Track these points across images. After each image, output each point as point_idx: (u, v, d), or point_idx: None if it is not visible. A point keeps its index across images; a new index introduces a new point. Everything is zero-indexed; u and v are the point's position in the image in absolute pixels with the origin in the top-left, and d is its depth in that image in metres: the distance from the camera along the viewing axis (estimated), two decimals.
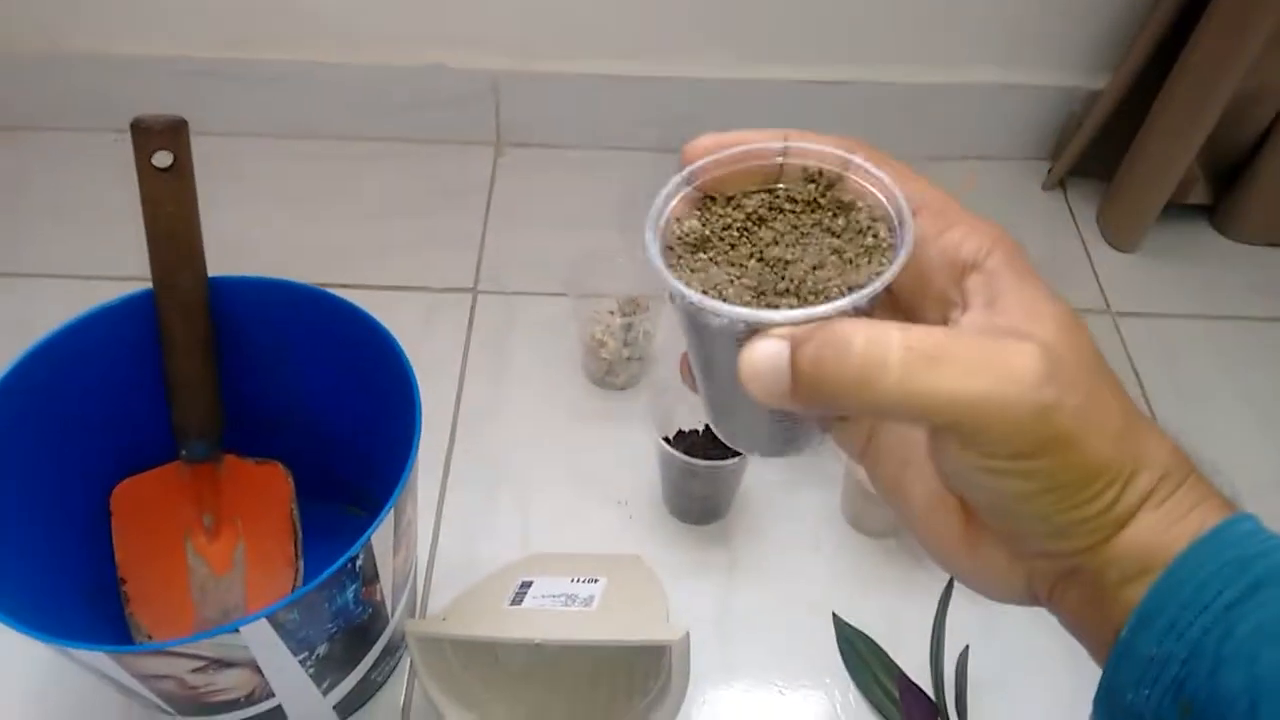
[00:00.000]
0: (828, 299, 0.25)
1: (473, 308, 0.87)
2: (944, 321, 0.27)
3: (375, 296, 0.59)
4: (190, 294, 0.57)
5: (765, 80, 0.97)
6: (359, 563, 0.49)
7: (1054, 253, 0.95)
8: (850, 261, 0.27)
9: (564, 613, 0.58)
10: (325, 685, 0.56)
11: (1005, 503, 0.25)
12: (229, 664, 0.48)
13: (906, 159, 0.29)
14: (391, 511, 0.49)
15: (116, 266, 0.84)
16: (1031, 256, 0.27)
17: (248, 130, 1.00)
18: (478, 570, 0.66)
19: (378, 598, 0.54)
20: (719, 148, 0.30)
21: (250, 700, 0.52)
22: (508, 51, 0.95)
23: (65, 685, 0.63)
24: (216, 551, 0.62)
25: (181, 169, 0.55)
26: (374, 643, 0.57)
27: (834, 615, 0.66)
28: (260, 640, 0.47)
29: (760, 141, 0.29)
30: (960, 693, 0.59)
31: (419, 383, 0.54)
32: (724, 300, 0.26)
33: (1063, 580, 0.27)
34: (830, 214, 0.28)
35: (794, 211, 0.28)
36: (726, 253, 0.28)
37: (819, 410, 0.25)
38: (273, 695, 0.53)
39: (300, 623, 0.48)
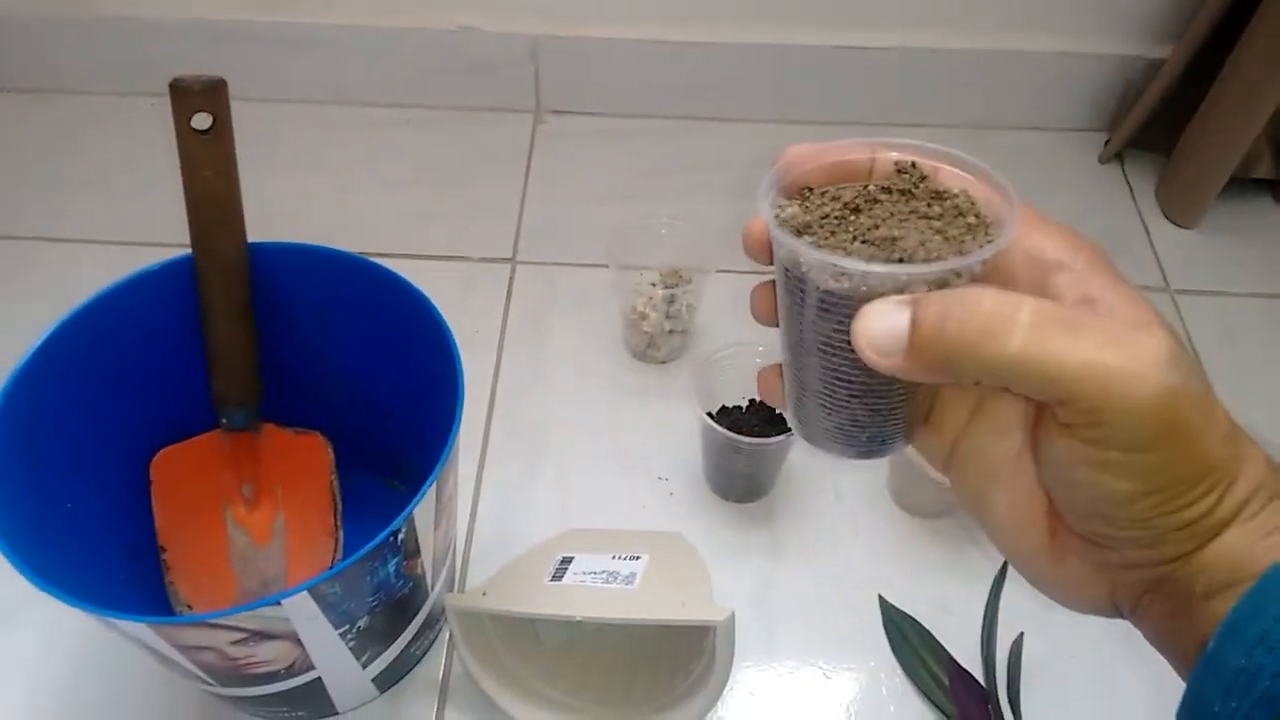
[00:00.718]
0: (928, 262, 0.25)
1: (511, 278, 0.85)
2: None
3: (411, 265, 0.58)
4: (230, 259, 0.56)
5: (812, 46, 0.94)
6: (401, 536, 0.48)
7: (1110, 228, 0.92)
8: (954, 239, 0.27)
9: (605, 590, 0.57)
10: (365, 658, 0.55)
11: (1105, 506, 0.25)
12: (270, 636, 0.47)
13: (957, 127, 0.28)
14: (434, 485, 0.48)
15: (154, 232, 0.83)
16: (1086, 231, 0.27)
17: (280, 96, 0.98)
18: (516, 545, 0.65)
19: (418, 571, 0.53)
20: (813, 154, 0.30)
21: (290, 672, 0.52)
22: (546, 15, 0.93)
23: (106, 653, 0.63)
24: (256, 521, 0.62)
25: (221, 131, 0.54)
26: (414, 616, 0.57)
27: (880, 598, 0.65)
28: (302, 613, 0.46)
29: (852, 149, 0.30)
30: (1013, 680, 0.57)
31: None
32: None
33: (1148, 592, 0.27)
34: (925, 202, 0.28)
35: (890, 200, 0.29)
36: (828, 237, 0.28)
37: (930, 374, 0.25)
38: (313, 668, 0.52)
39: (342, 596, 0.47)
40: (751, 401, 0.70)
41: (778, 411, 0.68)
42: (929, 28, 0.94)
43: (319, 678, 0.54)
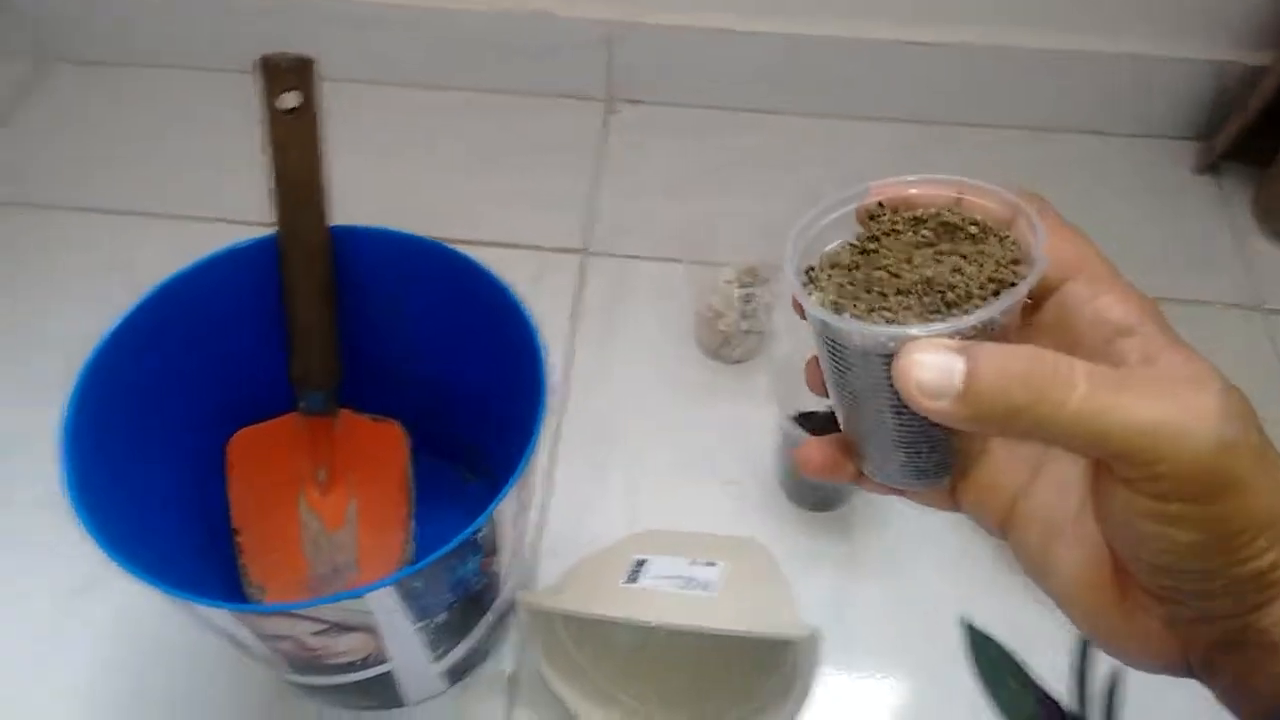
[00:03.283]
0: (968, 312, 0.26)
1: (582, 270, 0.84)
2: None
3: (479, 254, 0.56)
4: (314, 241, 0.55)
5: (892, 41, 0.92)
6: (482, 534, 0.47)
7: (1201, 241, 0.88)
8: (990, 266, 0.27)
9: (682, 596, 0.55)
10: (438, 652, 0.54)
11: (1171, 559, 0.25)
12: (349, 628, 0.46)
13: (1038, 129, 0.27)
14: (518, 482, 0.47)
15: (237, 210, 0.83)
16: (1174, 242, 0.27)
17: (348, 76, 0.97)
18: (584, 543, 0.64)
19: (495, 569, 0.52)
20: (898, 190, 0.30)
21: (365, 664, 0.51)
22: (621, 2, 0.91)
23: (174, 634, 0.62)
24: (329, 507, 0.61)
25: (309, 110, 0.53)
26: (487, 612, 0.56)
27: (962, 618, 0.62)
28: (383, 607, 0.45)
29: (935, 189, 0.30)
30: (1111, 715, 0.55)
31: None
32: (855, 317, 0.27)
33: (1221, 647, 0.26)
34: (934, 230, 0.29)
35: (905, 236, 0.29)
36: (860, 297, 0.28)
37: (976, 425, 0.25)
38: (387, 660, 0.51)
39: (423, 591, 0.46)
40: None
41: None
42: (1010, 25, 0.91)
43: (391, 670, 0.53)
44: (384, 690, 0.56)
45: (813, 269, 0.30)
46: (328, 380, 0.58)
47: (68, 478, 0.45)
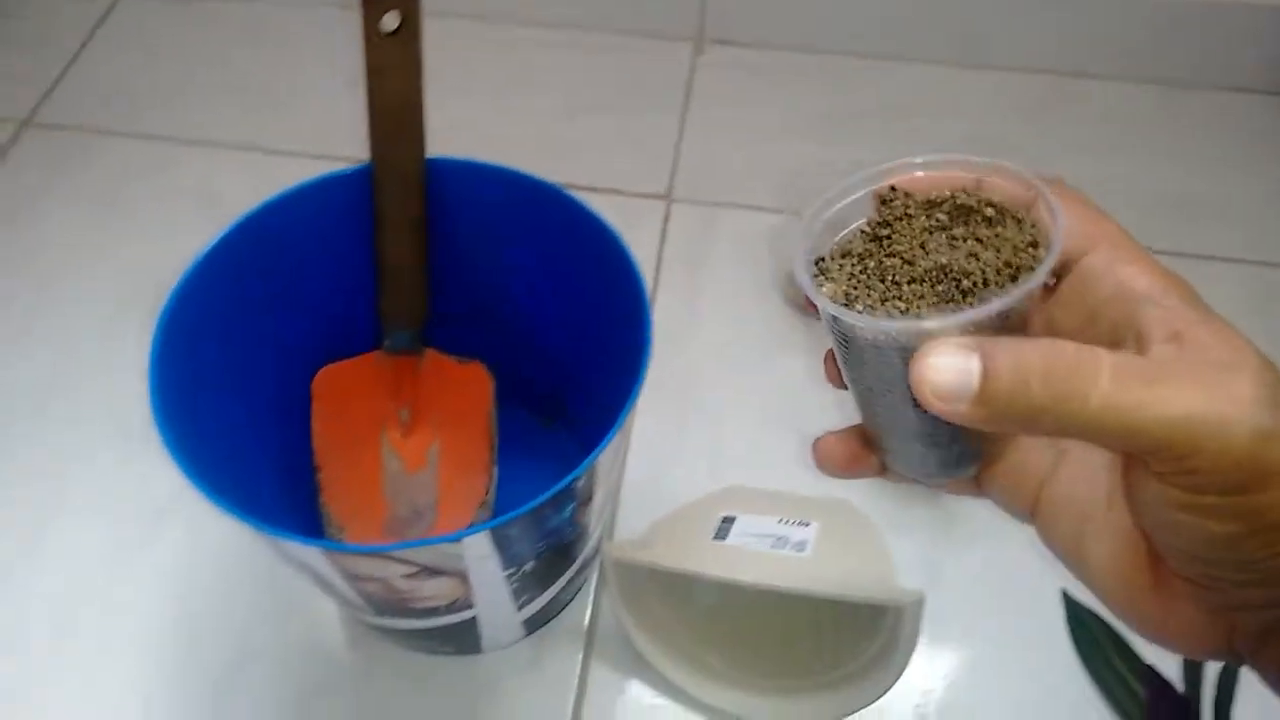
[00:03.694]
0: (984, 300, 0.25)
1: (666, 217, 0.81)
2: None
3: None
4: (410, 171, 0.52)
5: None
6: (580, 481, 0.45)
7: None
8: (1008, 250, 0.26)
9: (774, 555, 0.53)
10: (522, 600, 0.53)
11: (1208, 550, 0.24)
12: (439, 572, 0.45)
13: (1154, 83, 0.24)
14: (619, 432, 0.45)
15: (323, 145, 0.82)
16: None
17: (433, 9, 0.95)
18: (666, 497, 0.62)
19: (586, 519, 0.50)
20: (911, 172, 0.29)
21: (450, 609, 0.49)
22: None
23: (247, 572, 0.62)
24: (411, 448, 0.59)
25: (410, 32, 0.51)
26: (573, 562, 0.54)
27: (1063, 592, 0.60)
28: (478, 552, 0.43)
29: (952, 170, 0.29)
30: (1224, 701, 0.52)
31: None
32: (871, 310, 0.26)
33: (1261, 636, 0.25)
34: (948, 214, 0.28)
35: (919, 221, 0.28)
36: (873, 287, 0.27)
37: (998, 425, 0.24)
38: (472, 606, 0.50)
39: (517, 538, 0.45)
40: None
41: None
42: None
43: (475, 616, 0.51)
44: (464, 636, 0.55)
45: (823, 259, 0.28)
46: (415, 319, 0.56)
47: (155, 406, 0.44)
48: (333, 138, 0.84)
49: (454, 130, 0.83)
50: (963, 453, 0.29)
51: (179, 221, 0.80)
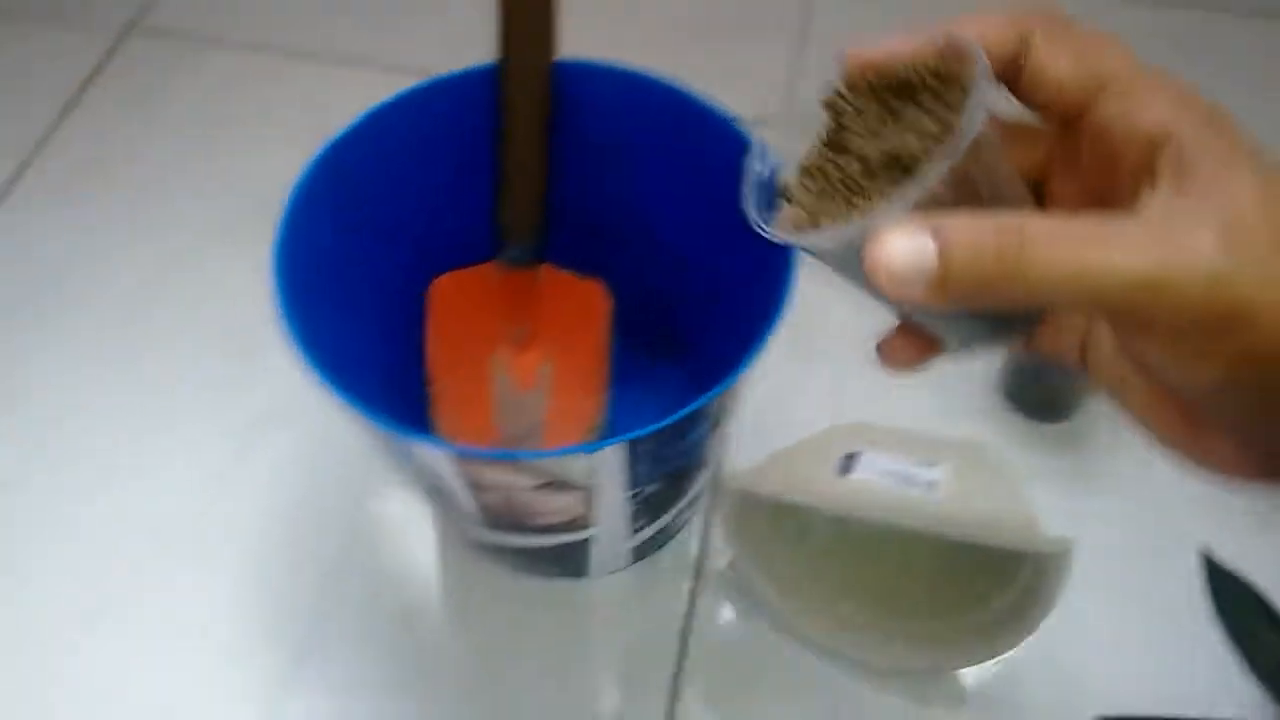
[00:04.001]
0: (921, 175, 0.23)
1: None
2: None
3: None
4: (538, 73, 0.50)
5: None
6: (713, 404, 0.43)
7: None
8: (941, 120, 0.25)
9: (904, 495, 0.51)
10: (636, 525, 0.51)
11: (1207, 393, 0.24)
12: (566, 487, 0.43)
13: None
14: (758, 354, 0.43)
15: (440, 63, 0.79)
16: None
17: None
18: (784, 433, 0.60)
19: (710, 446, 0.48)
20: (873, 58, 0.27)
21: (567, 528, 0.48)
22: None
23: (341, 484, 0.61)
24: (522, 365, 0.58)
25: None
26: (687, 491, 0.52)
27: (1204, 555, 0.56)
28: (610, 467, 0.42)
29: (905, 45, 0.27)
30: None
31: None
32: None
33: None
34: (930, 94, 0.26)
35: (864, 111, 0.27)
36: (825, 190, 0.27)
37: (963, 305, 0.23)
38: (588, 527, 0.48)
39: (646, 457, 0.43)
40: None
41: None
42: None
43: (589, 538, 0.50)
44: (574, 559, 0.53)
45: (788, 187, 0.27)
46: (534, 231, 0.54)
47: (284, 310, 0.43)
48: (449, 57, 0.81)
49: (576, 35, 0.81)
50: (1005, 317, 0.28)
51: (285, 136, 0.78)
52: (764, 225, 0.26)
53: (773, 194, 0.28)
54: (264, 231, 0.45)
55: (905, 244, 0.22)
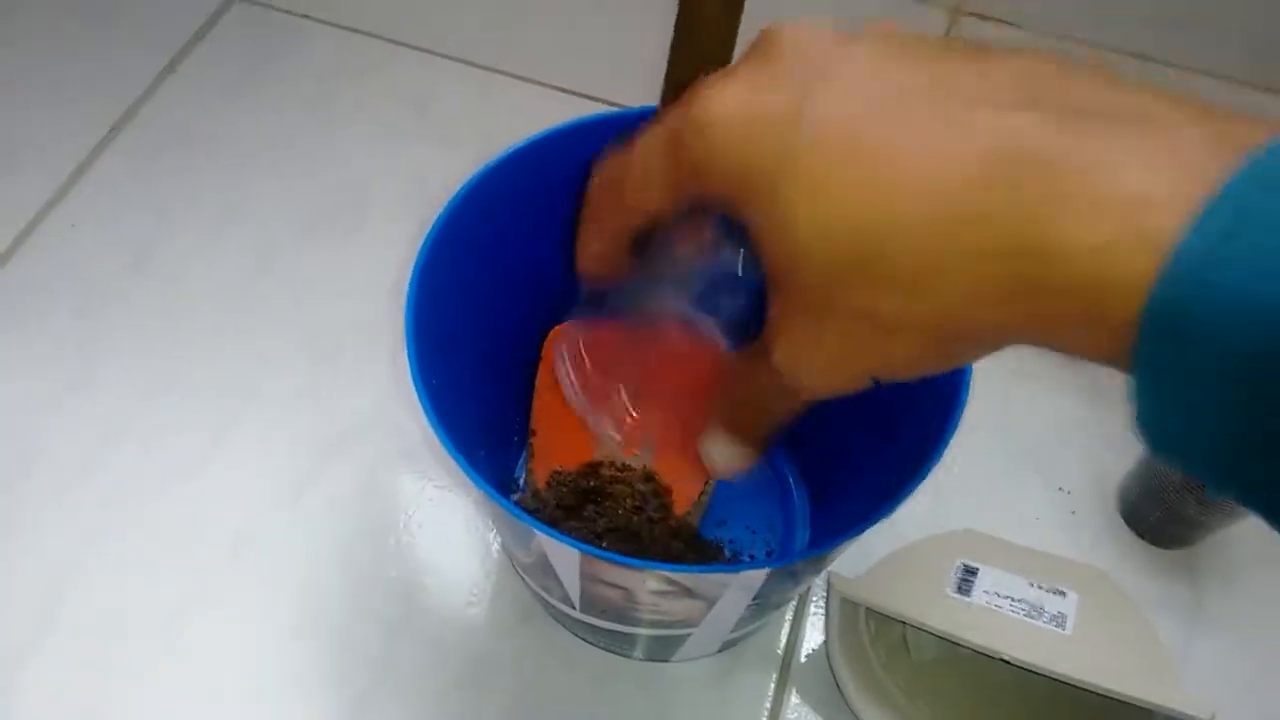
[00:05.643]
0: None
1: None
2: None
3: None
4: None
5: None
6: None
7: None
8: None
9: (1031, 627, 0.47)
10: (741, 627, 0.48)
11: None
12: (694, 595, 0.40)
13: None
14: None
15: (544, 72, 0.76)
16: None
17: None
18: (886, 531, 0.56)
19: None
20: None
21: (673, 625, 0.45)
22: None
23: (433, 530, 0.58)
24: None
25: None
26: (796, 596, 0.49)
27: None
28: (748, 584, 0.38)
29: None
30: None
31: None
32: None
33: None
34: None
35: None
36: None
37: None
38: (694, 628, 0.45)
39: (789, 577, 0.39)
40: None
41: None
42: None
43: (691, 634, 0.47)
44: (665, 648, 0.50)
45: None
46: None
47: (416, 382, 0.39)
48: (553, 67, 0.78)
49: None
50: None
51: (384, 128, 0.75)
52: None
53: None
54: (357, 227, 0.41)
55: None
